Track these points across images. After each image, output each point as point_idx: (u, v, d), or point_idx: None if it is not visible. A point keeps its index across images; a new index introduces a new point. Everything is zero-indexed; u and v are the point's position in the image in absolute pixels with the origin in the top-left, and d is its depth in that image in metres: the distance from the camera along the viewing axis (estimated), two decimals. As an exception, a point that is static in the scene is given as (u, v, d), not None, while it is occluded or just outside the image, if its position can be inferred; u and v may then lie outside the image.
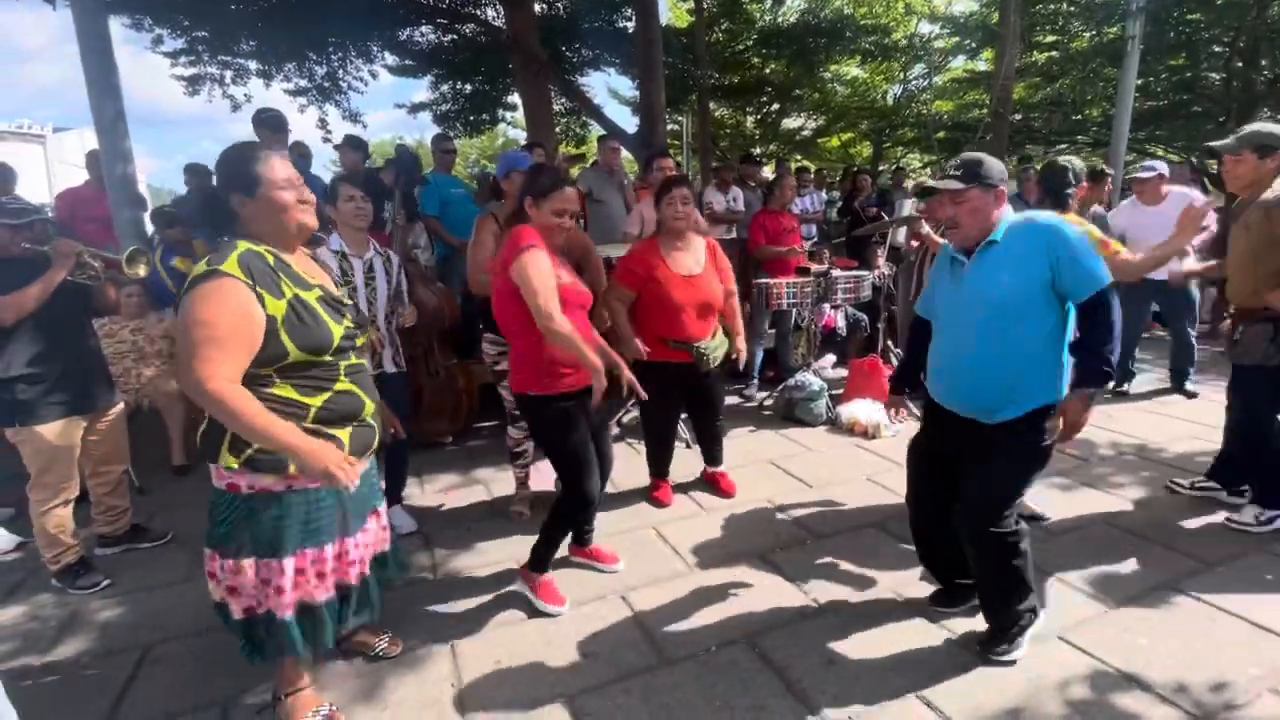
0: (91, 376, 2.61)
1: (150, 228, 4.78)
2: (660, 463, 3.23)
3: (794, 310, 4.78)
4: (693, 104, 13.02)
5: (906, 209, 5.83)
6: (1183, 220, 2.70)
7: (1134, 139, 11.51)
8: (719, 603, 2.36)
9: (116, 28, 7.52)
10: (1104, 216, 4.51)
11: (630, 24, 9.36)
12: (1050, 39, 12.46)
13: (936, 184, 1.93)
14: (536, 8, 8.94)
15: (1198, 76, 11.82)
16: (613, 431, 3.97)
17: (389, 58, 9.99)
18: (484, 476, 3.57)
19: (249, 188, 1.55)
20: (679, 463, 3.32)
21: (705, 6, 12.01)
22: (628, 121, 11.83)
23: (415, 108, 11.81)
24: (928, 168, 18.08)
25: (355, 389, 1.67)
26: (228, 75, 8.73)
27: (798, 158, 17.50)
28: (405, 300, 2.91)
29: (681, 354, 2.90)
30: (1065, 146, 15.68)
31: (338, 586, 1.74)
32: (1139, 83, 9.10)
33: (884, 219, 5.48)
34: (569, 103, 11.20)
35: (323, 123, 9.44)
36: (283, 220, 1.58)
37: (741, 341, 3.15)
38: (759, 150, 16.13)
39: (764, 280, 4.47)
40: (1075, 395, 1.85)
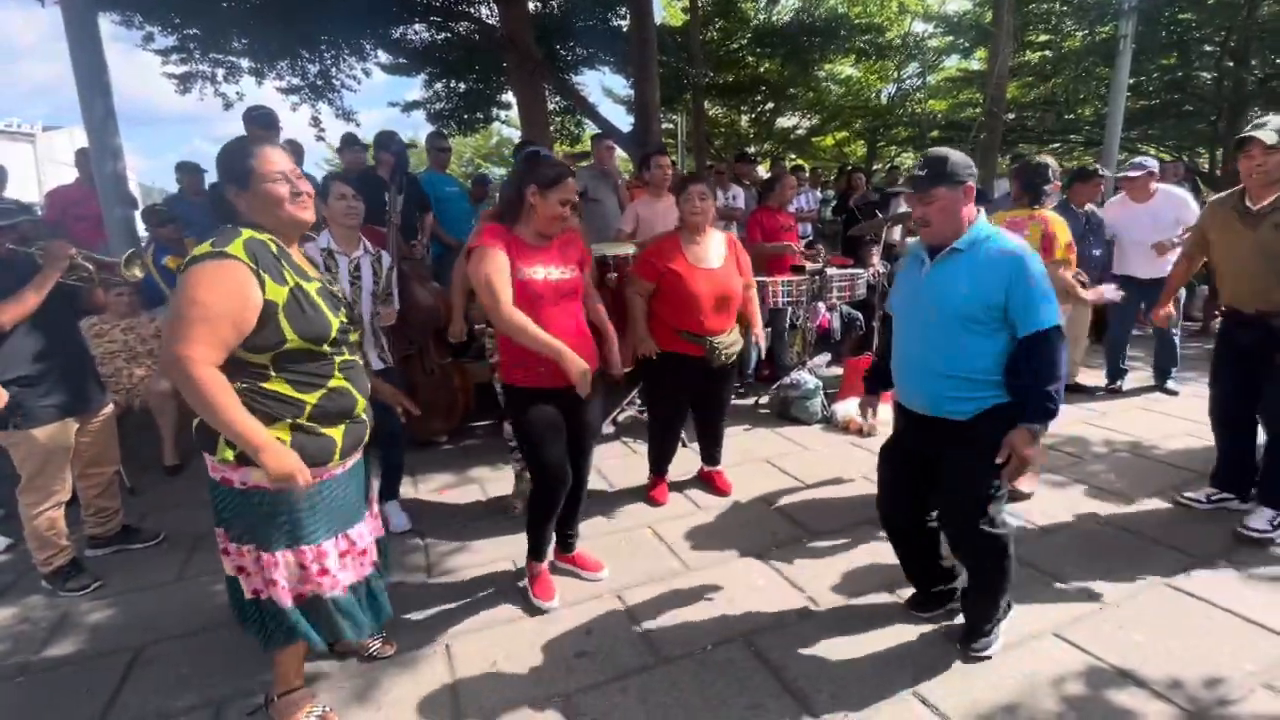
0: (83, 377, 2.59)
1: (141, 226, 4.74)
2: (661, 458, 3.23)
3: (789, 309, 4.79)
4: (687, 103, 13.02)
5: (902, 207, 5.85)
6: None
7: (1126, 138, 11.55)
8: (715, 601, 2.36)
9: (107, 25, 7.48)
10: (1099, 216, 4.53)
11: (625, 22, 9.34)
12: (1043, 38, 12.52)
13: (901, 188, 1.96)
14: (531, 6, 8.92)
15: (1189, 76, 11.90)
16: (607, 430, 3.97)
17: (382, 56, 9.94)
18: (479, 475, 3.55)
19: (242, 180, 1.55)
20: (675, 461, 3.31)
21: (700, 5, 12.00)
22: (622, 120, 11.78)
23: (409, 106, 11.78)
24: (922, 166, 18.08)
25: (349, 386, 1.67)
26: (219, 73, 8.67)
27: (792, 156, 17.53)
28: (394, 301, 2.89)
29: (694, 346, 2.90)
30: (1059, 145, 15.77)
31: (346, 585, 1.73)
32: (1131, 82, 9.14)
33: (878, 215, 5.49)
34: (564, 101, 11.17)
35: (316, 121, 9.40)
36: (276, 214, 1.57)
37: (759, 329, 3.23)
38: (754, 149, 16.14)
39: (760, 279, 4.46)
40: (1021, 429, 1.79)
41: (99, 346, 3.61)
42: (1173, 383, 4.63)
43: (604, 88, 18.43)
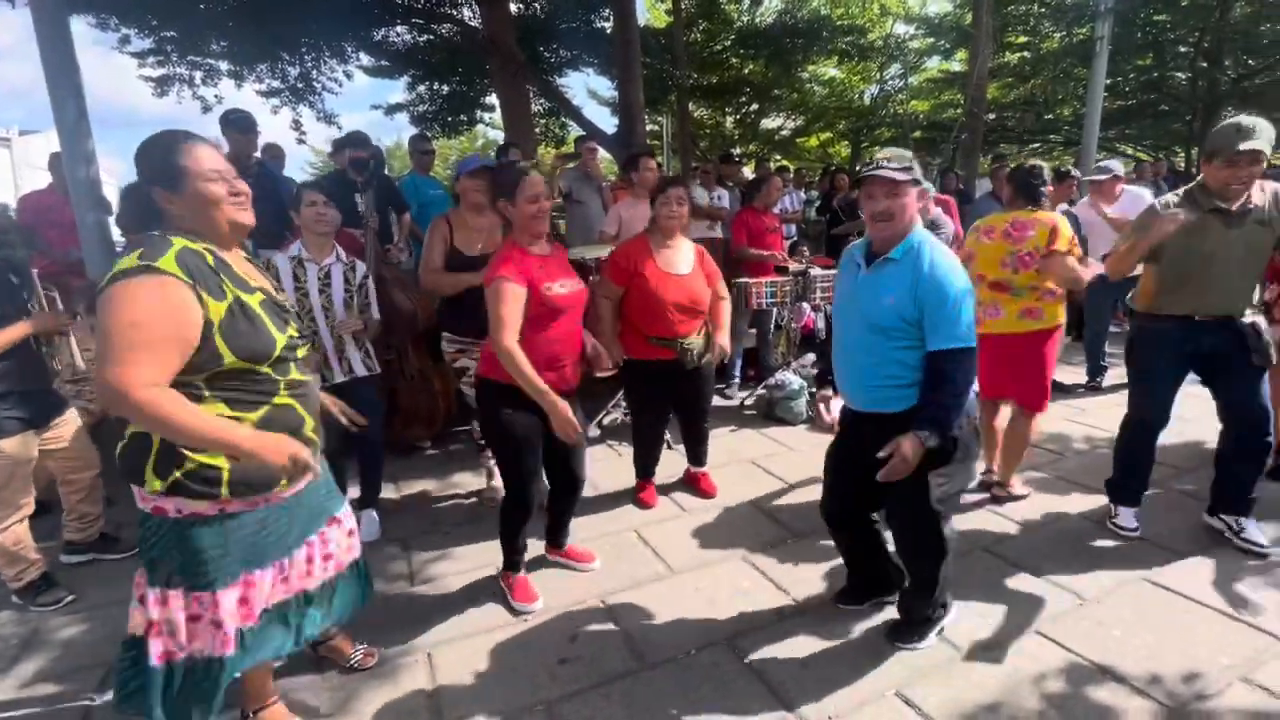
0: (43, 388, 2.55)
1: (116, 231, 4.65)
2: (646, 463, 3.22)
3: (774, 310, 4.79)
4: (672, 104, 13.05)
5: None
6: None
7: (1104, 137, 11.75)
8: (699, 605, 2.35)
9: (83, 27, 7.37)
10: (1075, 215, 4.59)
11: (608, 24, 9.34)
12: (1022, 40, 12.69)
13: (881, 172, 1.81)
14: (513, 7, 8.90)
15: (1164, 76, 12.12)
16: (593, 433, 3.95)
17: (364, 58, 9.88)
18: (462, 481, 3.52)
19: (172, 181, 1.37)
20: (661, 464, 3.30)
21: (683, 7, 12.03)
22: (607, 122, 11.79)
23: (392, 109, 11.71)
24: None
25: (295, 404, 1.53)
26: (197, 76, 8.57)
27: (777, 157, 17.63)
28: (372, 311, 2.85)
29: (665, 351, 2.90)
30: (1038, 145, 15.97)
31: (282, 604, 1.60)
32: (1108, 82, 9.28)
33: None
34: (548, 103, 11.15)
35: (297, 124, 9.30)
36: (213, 216, 1.41)
37: (723, 337, 3.08)
38: (739, 150, 16.20)
39: (743, 280, 4.47)
40: (910, 436, 1.78)
41: (81, 355, 3.53)
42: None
43: (588, 89, 18.48)
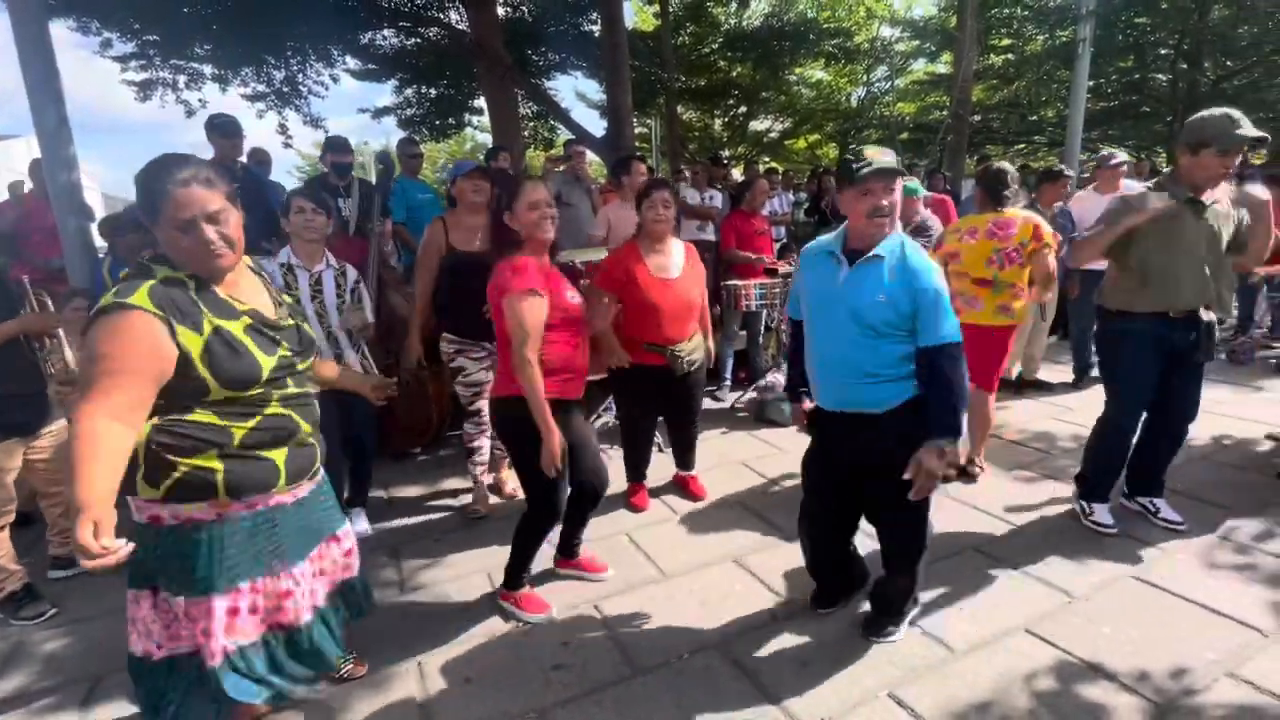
0: (30, 396, 2.50)
1: (98, 238, 4.59)
2: (637, 465, 3.22)
3: (763, 311, 4.81)
4: (660, 107, 13.07)
5: None
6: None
7: (1087, 138, 11.87)
8: (691, 608, 2.35)
9: (63, 31, 7.28)
10: (1068, 212, 4.64)
11: (596, 27, 9.36)
12: (1006, 42, 12.83)
13: (887, 163, 1.81)
14: (500, 11, 8.88)
15: (1146, 78, 12.29)
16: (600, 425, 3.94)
17: (351, 61, 9.84)
18: (455, 487, 3.50)
19: (151, 215, 1.38)
20: (651, 468, 3.30)
21: (670, 10, 12.07)
22: (595, 125, 11.81)
23: (379, 112, 11.63)
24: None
25: (290, 413, 1.53)
26: (181, 80, 8.49)
27: (766, 159, 17.70)
28: (367, 315, 2.84)
29: (656, 356, 2.89)
30: (1023, 146, 16.14)
31: (278, 626, 1.59)
32: (1091, 84, 9.40)
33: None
34: (536, 106, 11.14)
35: (283, 128, 9.24)
36: (183, 259, 1.41)
37: (711, 342, 3.18)
38: (727, 152, 16.28)
39: (733, 282, 4.49)
40: (929, 449, 1.81)
41: (65, 364, 3.48)
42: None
43: (577, 92, 18.40)
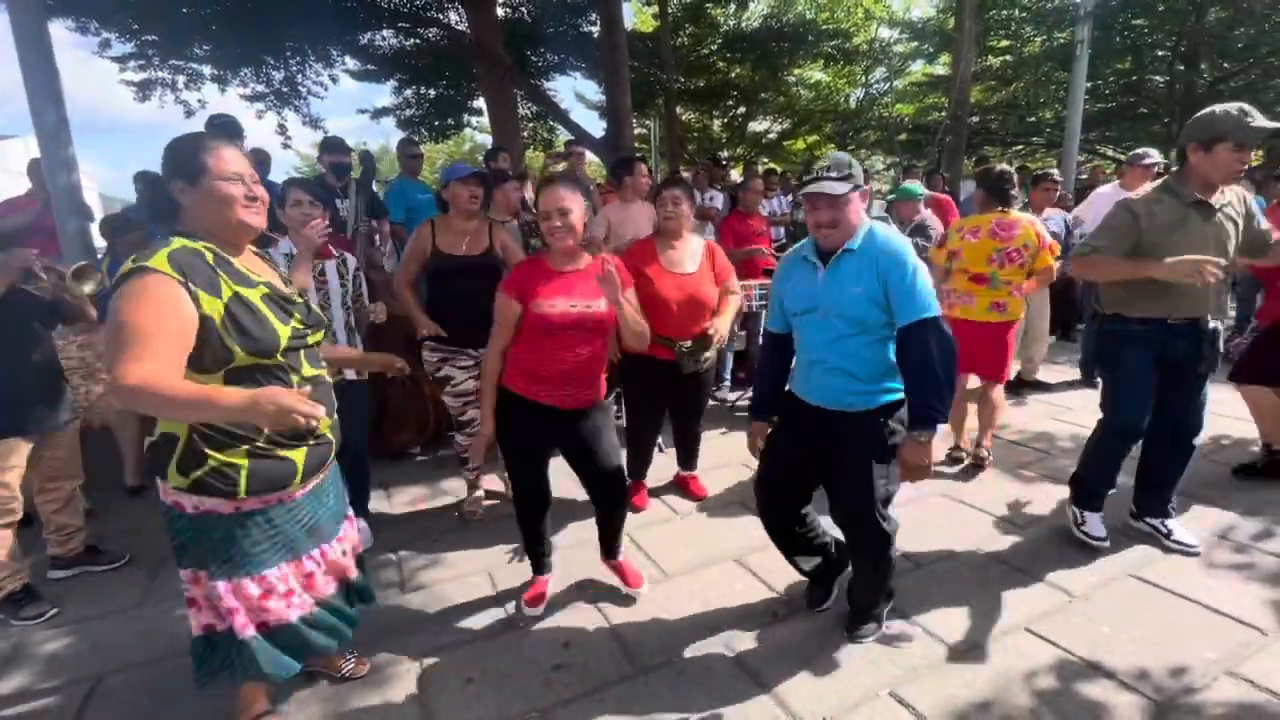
0: (44, 393, 2.49)
1: (98, 238, 4.59)
2: (639, 464, 3.22)
3: (763, 312, 4.81)
4: (659, 108, 13.09)
5: (874, 211, 5.93)
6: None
7: (1085, 139, 11.91)
8: (692, 608, 2.35)
9: (62, 31, 7.28)
10: (1063, 220, 4.64)
11: (595, 28, 9.36)
12: (1004, 44, 12.86)
13: (823, 188, 1.84)
14: (500, 12, 8.88)
15: (1143, 80, 12.33)
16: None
17: (350, 62, 9.84)
18: (453, 487, 3.50)
19: (193, 176, 1.44)
20: (651, 468, 3.30)
21: (669, 11, 12.09)
22: (595, 125, 11.83)
23: (379, 113, 11.64)
24: (891, 169, 18.47)
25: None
26: (180, 80, 8.49)
27: (765, 160, 17.72)
28: (364, 301, 2.86)
29: (665, 350, 2.89)
30: (1021, 147, 16.16)
31: (305, 604, 1.66)
32: (1088, 85, 9.43)
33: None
34: (535, 107, 11.14)
35: (282, 129, 9.24)
36: (224, 214, 1.46)
37: (722, 323, 2.94)
38: (727, 153, 16.29)
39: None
40: (911, 438, 1.83)
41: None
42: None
43: (576, 93, 18.43)
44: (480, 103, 10.76)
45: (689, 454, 3.32)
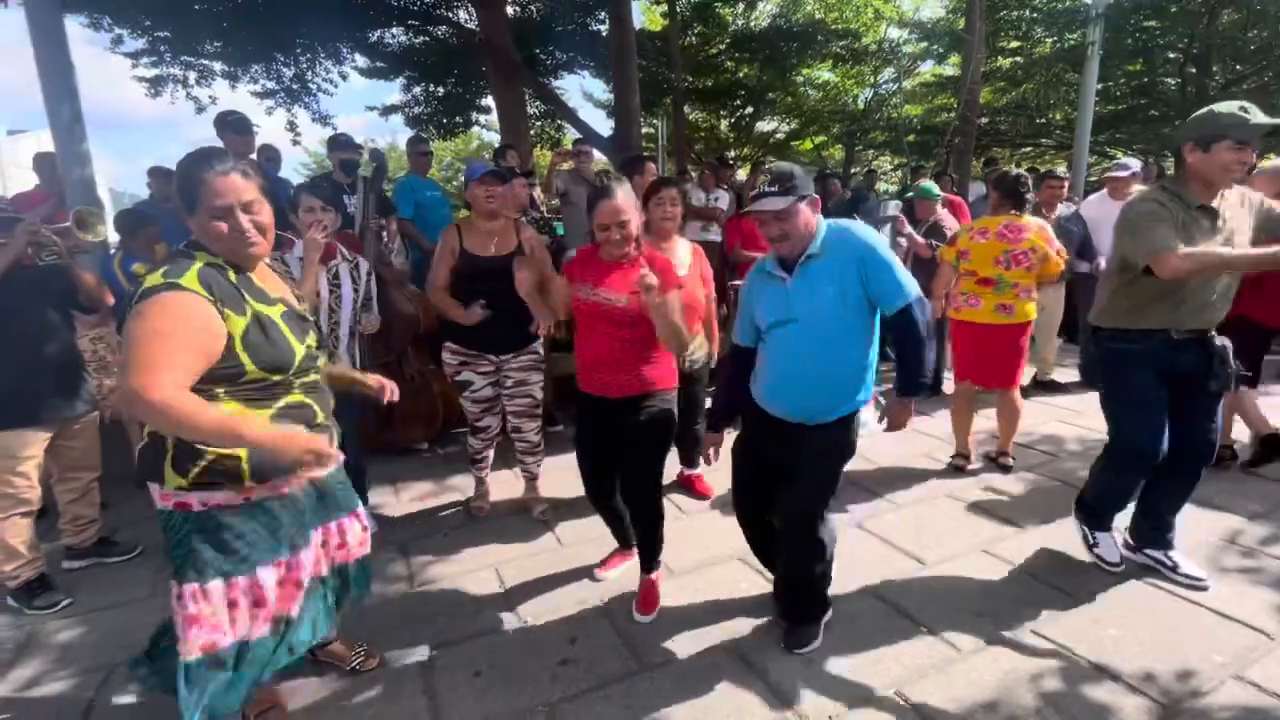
0: (59, 384, 2.50)
1: (111, 233, 4.62)
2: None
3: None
4: (667, 107, 13.08)
5: (890, 209, 5.90)
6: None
7: (1095, 142, 11.84)
8: (698, 605, 2.36)
9: (75, 27, 7.34)
10: (1080, 218, 4.64)
11: (604, 27, 9.37)
12: (1014, 44, 12.78)
13: (762, 207, 1.85)
14: (509, 10, 8.90)
15: (1154, 82, 12.25)
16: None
17: (359, 59, 9.88)
18: (460, 483, 3.52)
19: (190, 204, 1.43)
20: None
21: (678, 11, 12.07)
22: (603, 124, 11.84)
23: (387, 110, 11.68)
24: (899, 170, 18.41)
25: (308, 400, 1.59)
26: (191, 76, 8.55)
27: (772, 160, 17.69)
28: (373, 308, 2.87)
29: None
30: (1030, 149, 16.08)
31: (310, 590, 1.66)
32: (1099, 87, 9.38)
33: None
34: (544, 106, 11.16)
35: (292, 125, 9.29)
36: (217, 248, 1.47)
37: (715, 346, 3.24)
38: (734, 153, 16.26)
39: (740, 282, 4.49)
40: (900, 402, 1.99)
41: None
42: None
43: (584, 92, 18.54)
44: (488, 101, 10.78)
45: (692, 452, 3.33)
